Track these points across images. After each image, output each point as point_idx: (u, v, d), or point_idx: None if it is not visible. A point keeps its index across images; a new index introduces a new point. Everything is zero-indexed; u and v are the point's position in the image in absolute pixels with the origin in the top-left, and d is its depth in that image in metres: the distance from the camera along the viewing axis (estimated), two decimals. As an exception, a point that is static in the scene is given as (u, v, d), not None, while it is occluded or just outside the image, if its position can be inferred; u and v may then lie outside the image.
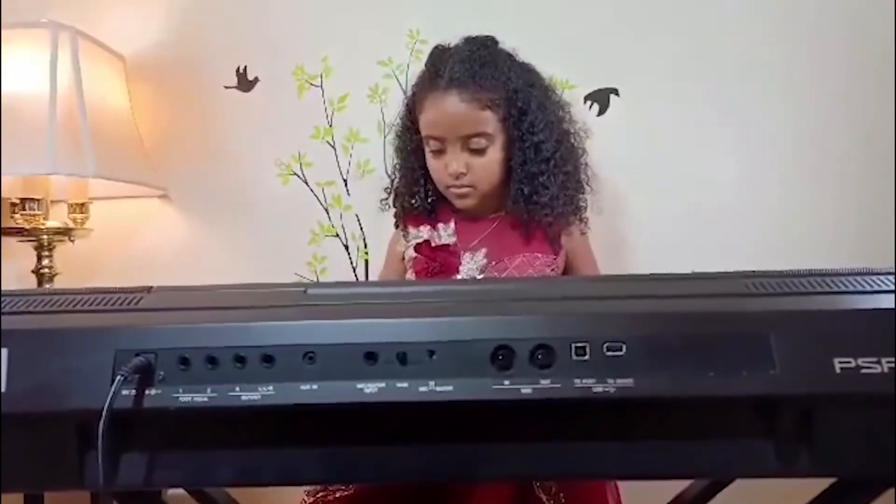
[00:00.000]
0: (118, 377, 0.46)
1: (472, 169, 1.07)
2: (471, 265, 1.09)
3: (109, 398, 0.45)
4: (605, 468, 0.52)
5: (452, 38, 1.17)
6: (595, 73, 1.45)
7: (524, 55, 1.18)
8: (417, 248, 1.13)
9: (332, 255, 1.50)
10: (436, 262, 1.10)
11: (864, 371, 0.45)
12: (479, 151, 1.06)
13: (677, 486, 0.86)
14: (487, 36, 1.12)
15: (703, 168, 1.42)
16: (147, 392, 0.47)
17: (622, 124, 1.44)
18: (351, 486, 0.89)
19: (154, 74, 1.53)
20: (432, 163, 1.10)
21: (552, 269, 1.10)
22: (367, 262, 1.49)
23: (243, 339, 0.48)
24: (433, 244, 1.13)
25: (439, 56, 1.09)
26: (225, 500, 0.82)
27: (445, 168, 1.08)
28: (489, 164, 1.08)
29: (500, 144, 1.08)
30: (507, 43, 1.17)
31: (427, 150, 1.10)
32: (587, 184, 1.16)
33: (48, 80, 1.28)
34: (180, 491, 0.83)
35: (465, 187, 1.08)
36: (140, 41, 1.53)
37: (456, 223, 1.14)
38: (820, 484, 0.57)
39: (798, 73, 1.41)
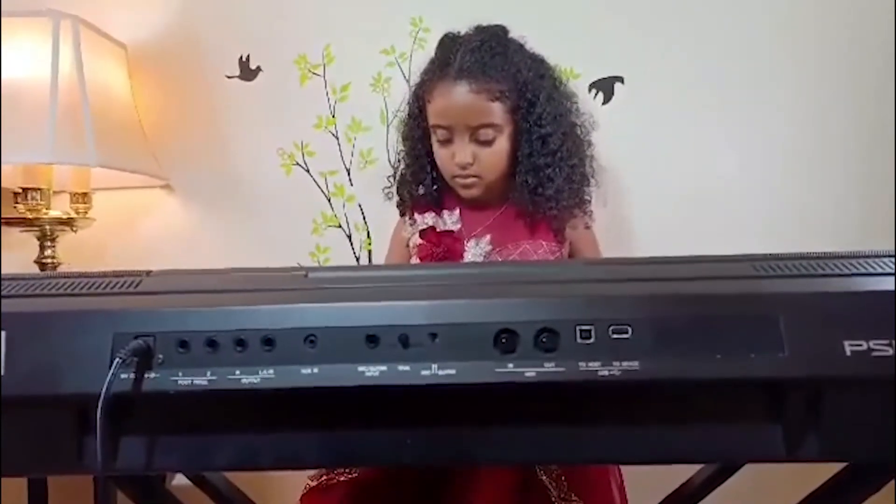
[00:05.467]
0: (116, 360, 0.45)
1: (478, 159, 1.06)
2: (475, 252, 1.09)
3: (107, 381, 0.45)
4: (610, 453, 0.51)
5: (455, 26, 1.16)
6: (600, 61, 1.43)
7: (528, 43, 1.16)
8: (422, 233, 1.13)
9: (335, 245, 1.49)
10: (440, 247, 1.09)
11: (875, 354, 0.44)
12: (487, 142, 1.05)
13: (681, 471, 0.85)
14: (498, 25, 1.12)
15: (707, 155, 1.41)
16: (146, 375, 0.47)
17: (627, 112, 1.42)
18: (355, 470, 0.88)
19: (156, 64, 1.52)
20: (439, 152, 1.09)
21: (556, 258, 1.10)
22: (370, 252, 1.48)
23: (243, 322, 0.47)
24: (438, 229, 1.12)
25: (449, 45, 1.08)
26: (226, 487, 0.81)
27: (452, 158, 1.07)
28: (496, 155, 1.07)
29: (508, 135, 1.07)
30: (511, 31, 1.17)
31: (434, 138, 1.09)
32: (592, 177, 1.15)
33: (49, 69, 1.27)
34: (183, 481, 0.83)
35: (471, 177, 1.08)
36: (142, 30, 1.52)
37: (461, 211, 1.14)
38: (830, 469, 0.56)
39: (800, 59, 1.39)
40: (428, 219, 1.14)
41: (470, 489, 0.85)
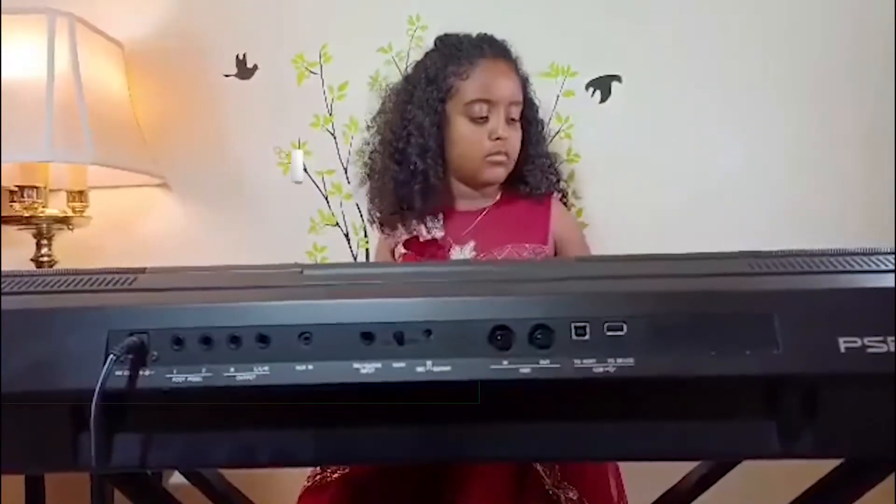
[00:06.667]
0: (111, 357, 0.45)
1: (510, 137, 1.11)
2: (459, 258, 1.09)
3: (101, 378, 0.45)
4: (605, 449, 0.51)
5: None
6: (597, 59, 1.43)
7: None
8: (406, 244, 1.14)
9: (333, 244, 1.49)
10: (424, 257, 1.10)
11: (869, 350, 0.44)
12: (514, 121, 1.13)
13: (680, 466, 0.85)
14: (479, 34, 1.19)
15: (705, 154, 1.41)
16: (140, 372, 0.46)
17: (624, 111, 1.42)
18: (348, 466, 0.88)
19: (153, 62, 1.52)
20: (471, 131, 1.11)
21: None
22: (367, 250, 1.48)
23: (238, 318, 0.47)
24: (421, 239, 1.12)
25: (458, 37, 1.15)
26: (224, 487, 0.81)
27: (488, 135, 1.10)
28: (517, 137, 1.14)
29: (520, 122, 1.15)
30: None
31: (464, 121, 1.11)
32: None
33: (46, 67, 1.27)
34: (181, 480, 0.83)
35: (503, 154, 1.12)
36: (138, 28, 1.52)
37: (444, 215, 1.14)
38: (825, 465, 0.56)
39: (800, 58, 1.39)
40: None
41: (464, 483, 0.84)
